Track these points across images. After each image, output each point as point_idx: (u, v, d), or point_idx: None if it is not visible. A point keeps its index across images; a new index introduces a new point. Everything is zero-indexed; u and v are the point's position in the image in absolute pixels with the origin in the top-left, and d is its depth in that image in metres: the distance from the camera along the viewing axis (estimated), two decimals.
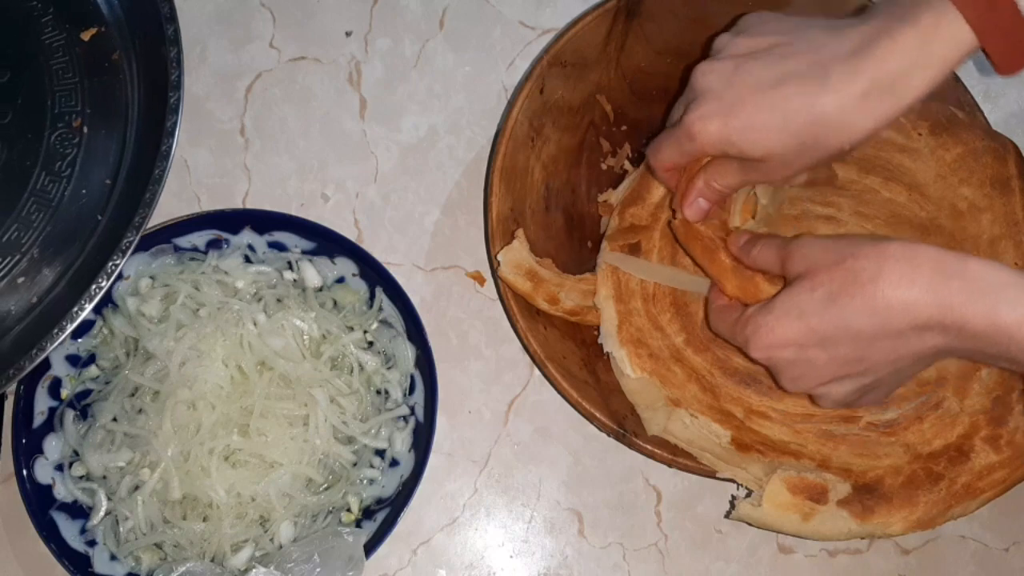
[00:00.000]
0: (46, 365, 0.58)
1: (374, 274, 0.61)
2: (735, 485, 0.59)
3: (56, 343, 0.51)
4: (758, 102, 0.48)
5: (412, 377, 0.60)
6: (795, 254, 0.49)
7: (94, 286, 0.52)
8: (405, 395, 0.60)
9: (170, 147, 0.54)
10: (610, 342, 0.58)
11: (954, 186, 0.62)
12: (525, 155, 0.61)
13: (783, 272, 0.50)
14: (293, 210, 0.66)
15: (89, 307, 0.52)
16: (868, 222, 0.61)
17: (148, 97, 0.59)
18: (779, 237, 0.52)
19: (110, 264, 0.52)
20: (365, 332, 0.61)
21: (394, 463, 0.60)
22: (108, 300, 0.59)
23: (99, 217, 0.57)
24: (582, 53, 0.62)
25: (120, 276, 0.54)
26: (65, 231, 0.57)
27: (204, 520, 0.56)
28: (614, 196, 0.63)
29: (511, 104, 0.60)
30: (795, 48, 0.48)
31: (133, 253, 0.59)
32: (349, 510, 0.59)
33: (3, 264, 0.56)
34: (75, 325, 0.51)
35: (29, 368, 0.51)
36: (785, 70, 0.48)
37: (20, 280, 0.56)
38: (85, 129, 0.58)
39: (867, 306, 0.45)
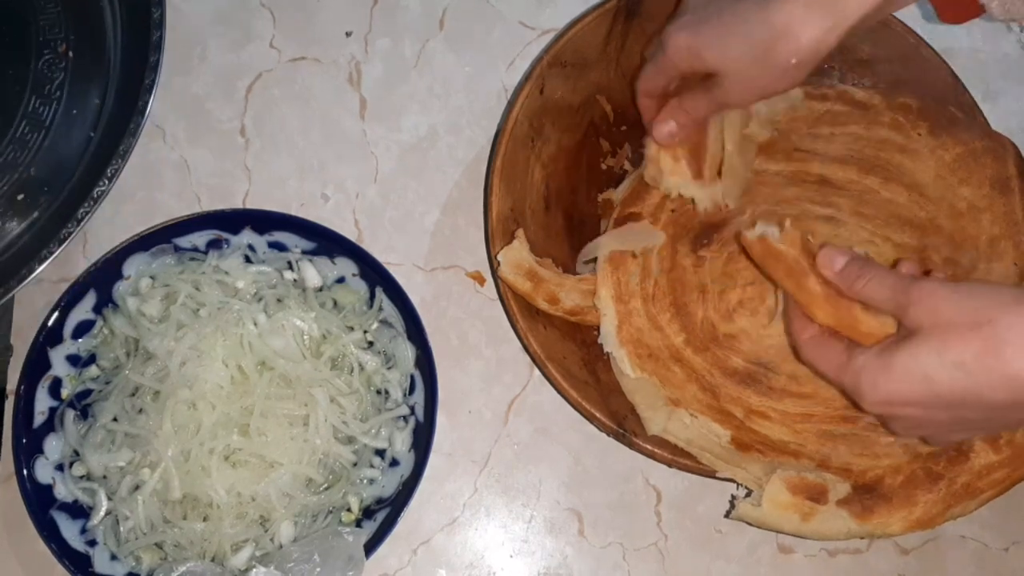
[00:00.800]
0: (46, 365, 0.58)
1: (374, 274, 0.61)
2: (735, 485, 0.59)
3: (34, 273, 0.56)
4: (722, 17, 0.53)
5: (412, 377, 0.60)
6: (920, 305, 0.45)
7: (82, 209, 0.56)
8: (405, 395, 0.60)
9: (153, 80, 0.59)
10: (610, 342, 0.58)
11: (953, 186, 0.62)
12: (525, 155, 0.61)
13: (900, 317, 0.46)
14: (293, 210, 0.66)
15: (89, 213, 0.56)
16: (868, 222, 0.61)
17: (130, 27, 0.64)
18: (894, 273, 0.48)
19: (95, 190, 0.56)
20: (365, 332, 0.61)
21: (394, 463, 0.60)
22: (109, 300, 0.60)
23: (91, 134, 0.62)
24: (582, 53, 0.62)
25: (100, 199, 0.57)
26: (60, 151, 0.62)
27: (204, 520, 0.56)
28: (614, 196, 0.63)
29: (511, 104, 0.60)
30: None
31: (133, 253, 0.59)
32: (349, 510, 0.59)
33: (2, 181, 0.61)
34: (46, 264, 0.56)
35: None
36: None
37: (19, 197, 0.62)
38: (71, 54, 0.64)
39: (1004, 381, 0.42)
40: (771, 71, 0.52)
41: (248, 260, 0.61)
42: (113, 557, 0.56)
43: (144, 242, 0.59)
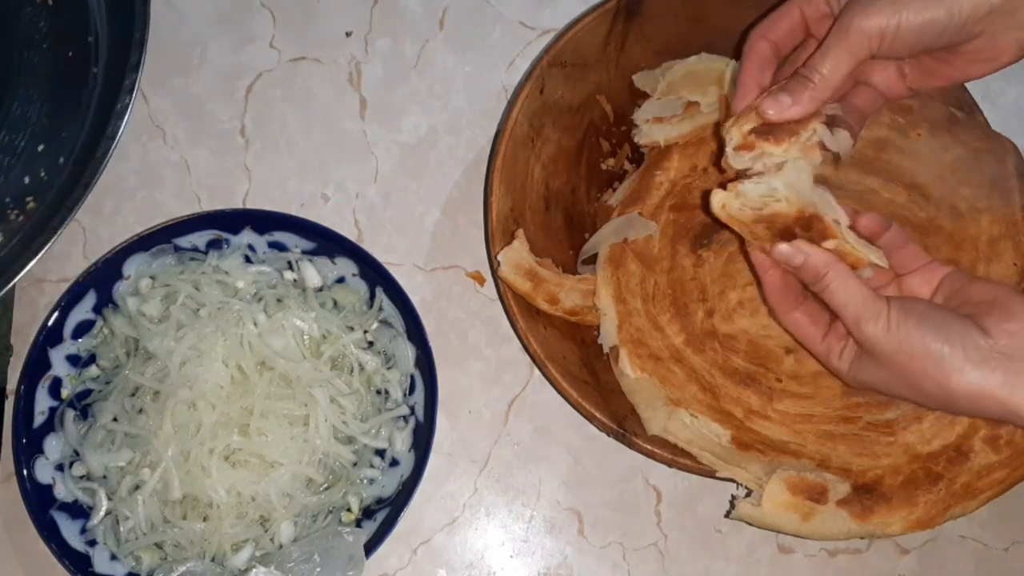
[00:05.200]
0: (47, 365, 0.58)
1: (374, 274, 0.61)
2: (735, 485, 0.59)
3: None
4: None
5: (412, 377, 0.60)
6: (863, 341, 0.49)
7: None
8: (405, 395, 0.60)
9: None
10: (610, 342, 0.58)
11: (953, 187, 0.62)
12: (525, 155, 0.61)
13: (843, 322, 0.51)
14: (293, 210, 0.66)
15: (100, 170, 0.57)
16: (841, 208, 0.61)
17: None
18: (855, 295, 0.49)
19: (119, 105, 0.58)
20: (365, 332, 0.61)
21: (394, 463, 0.60)
22: (109, 300, 0.60)
23: (93, 69, 0.63)
24: (582, 53, 0.62)
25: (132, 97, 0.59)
26: (64, 92, 0.64)
27: (204, 520, 0.56)
28: (614, 197, 0.63)
29: (511, 104, 0.60)
30: None
31: (133, 253, 0.59)
32: (349, 510, 0.59)
33: (17, 138, 0.63)
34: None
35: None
36: None
37: (40, 148, 0.63)
38: (50, 2, 0.65)
39: (951, 410, 0.49)
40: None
41: (248, 260, 0.61)
42: (113, 557, 0.56)
43: (144, 242, 0.59)
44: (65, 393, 0.59)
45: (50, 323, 0.58)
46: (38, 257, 0.55)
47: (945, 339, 0.47)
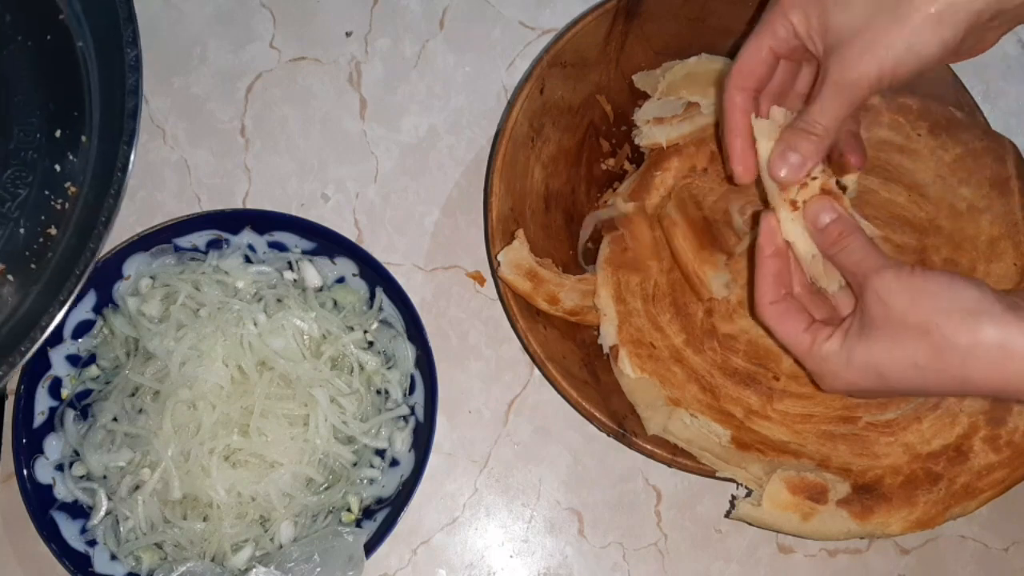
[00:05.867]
0: (46, 365, 0.58)
1: (374, 274, 0.61)
2: (735, 485, 0.59)
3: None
4: None
5: (412, 377, 0.60)
6: (874, 296, 0.45)
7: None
8: (405, 395, 0.60)
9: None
10: (610, 342, 0.58)
11: (953, 187, 0.62)
12: (525, 155, 0.61)
13: (857, 295, 0.47)
14: (293, 210, 0.66)
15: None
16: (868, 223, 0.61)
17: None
18: (864, 250, 0.47)
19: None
20: (365, 332, 0.61)
21: (394, 463, 0.60)
22: (109, 300, 0.60)
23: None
24: (582, 53, 0.62)
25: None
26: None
27: (204, 520, 0.56)
28: (613, 198, 0.63)
29: (511, 104, 0.60)
30: None
31: (133, 253, 0.59)
32: (349, 510, 0.59)
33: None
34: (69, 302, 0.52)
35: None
36: None
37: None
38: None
39: (956, 383, 0.44)
40: (904, 24, 0.43)
41: (248, 260, 0.61)
42: (113, 557, 0.56)
43: (144, 242, 0.59)
44: (65, 393, 0.59)
45: None
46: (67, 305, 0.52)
47: (975, 284, 0.43)
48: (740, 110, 0.50)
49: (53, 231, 0.56)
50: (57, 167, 0.57)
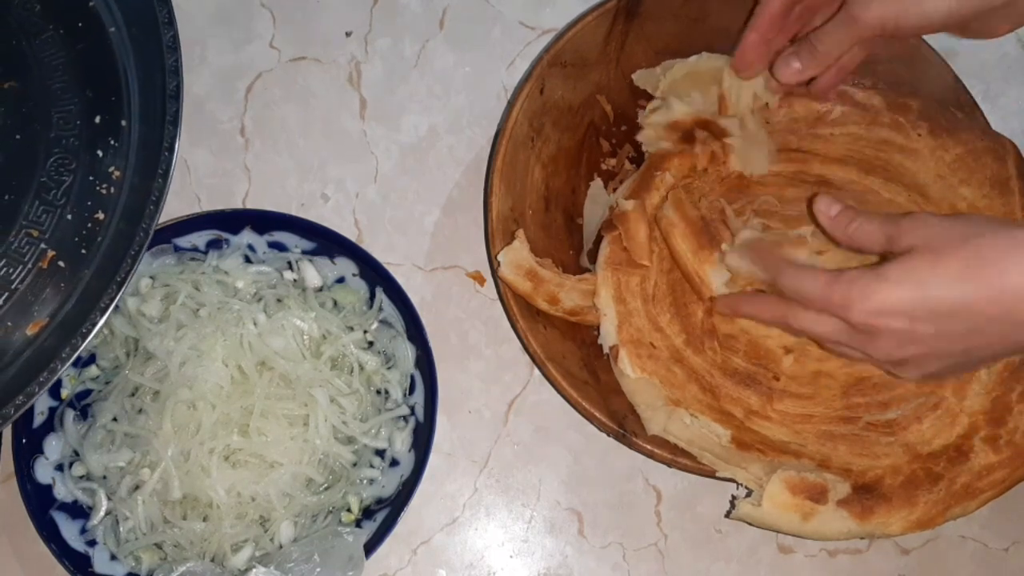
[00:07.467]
0: None
1: (374, 274, 0.61)
2: (735, 485, 0.59)
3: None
4: None
5: (412, 377, 0.60)
6: (910, 229, 0.47)
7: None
8: (405, 395, 0.60)
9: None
10: (610, 342, 0.58)
11: (954, 186, 0.62)
12: (525, 155, 0.61)
13: (889, 247, 0.48)
14: (293, 210, 0.66)
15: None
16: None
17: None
18: (880, 213, 0.51)
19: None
20: (365, 332, 0.61)
21: (394, 463, 0.60)
22: None
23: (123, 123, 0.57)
24: (582, 53, 0.62)
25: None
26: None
27: (204, 520, 0.56)
28: (613, 198, 0.63)
29: (511, 104, 0.60)
30: None
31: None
32: (349, 510, 0.59)
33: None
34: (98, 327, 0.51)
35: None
36: None
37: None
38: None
39: (996, 294, 0.44)
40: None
41: (248, 260, 0.61)
42: (113, 557, 0.56)
43: None
44: (65, 393, 0.59)
45: None
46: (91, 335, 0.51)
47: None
48: (773, 10, 0.57)
49: (101, 216, 0.56)
50: (99, 152, 0.57)
